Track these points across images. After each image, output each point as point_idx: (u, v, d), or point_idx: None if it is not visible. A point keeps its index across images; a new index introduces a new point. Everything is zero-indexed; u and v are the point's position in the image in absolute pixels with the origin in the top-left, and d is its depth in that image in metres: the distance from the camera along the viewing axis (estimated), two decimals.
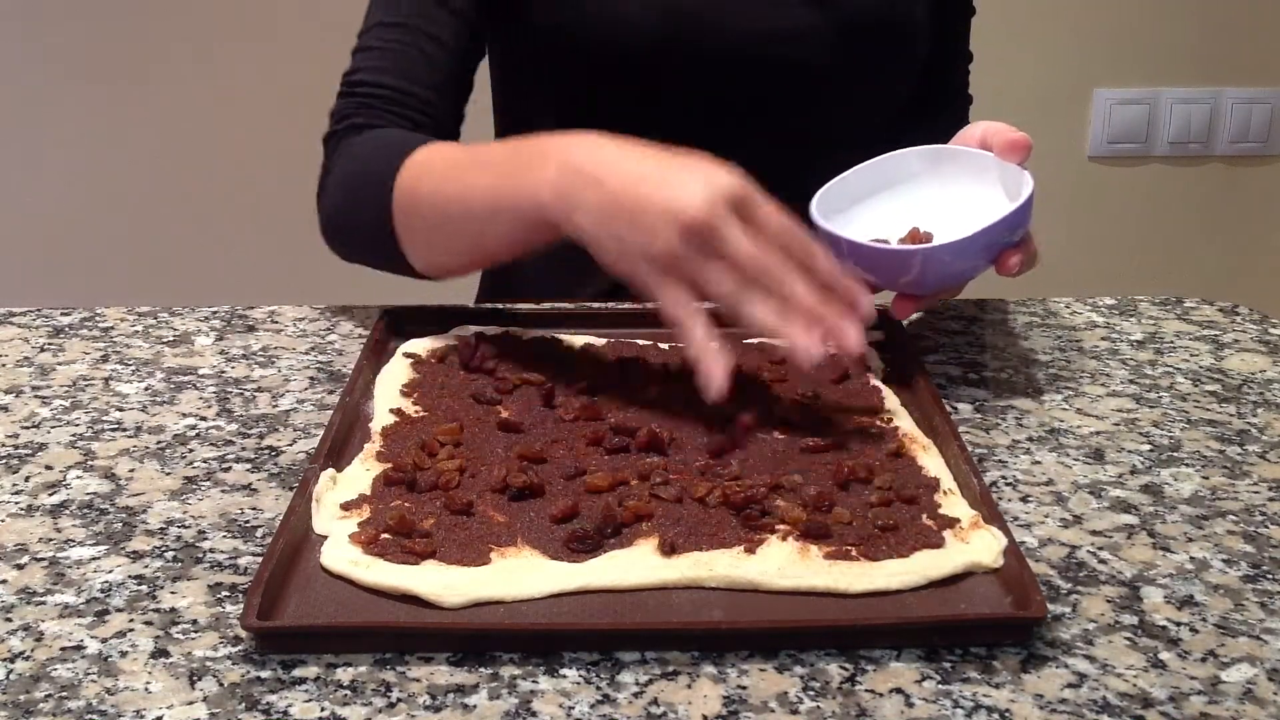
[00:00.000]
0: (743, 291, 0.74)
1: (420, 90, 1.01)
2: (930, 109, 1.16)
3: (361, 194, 0.96)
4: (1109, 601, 0.66)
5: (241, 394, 0.89)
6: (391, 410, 0.81)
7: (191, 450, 0.81)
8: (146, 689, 0.59)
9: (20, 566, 0.68)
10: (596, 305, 1.00)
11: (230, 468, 0.79)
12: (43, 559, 0.69)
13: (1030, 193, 0.85)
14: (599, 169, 0.79)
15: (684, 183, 0.75)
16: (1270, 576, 0.68)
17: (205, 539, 0.71)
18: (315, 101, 1.15)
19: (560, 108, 1.09)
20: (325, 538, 0.68)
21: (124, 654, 0.61)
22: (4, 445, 0.82)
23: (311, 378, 0.92)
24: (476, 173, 0.88)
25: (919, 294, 0.88)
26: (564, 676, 0.59)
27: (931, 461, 0.76)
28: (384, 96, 1.01)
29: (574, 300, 1.02)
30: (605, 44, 1.03)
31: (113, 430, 0.84)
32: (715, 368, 0.75)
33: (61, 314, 1.03)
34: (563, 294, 1.04)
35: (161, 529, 0.72)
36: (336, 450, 0.77)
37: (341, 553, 0.66)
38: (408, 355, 0.89)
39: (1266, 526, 0.73)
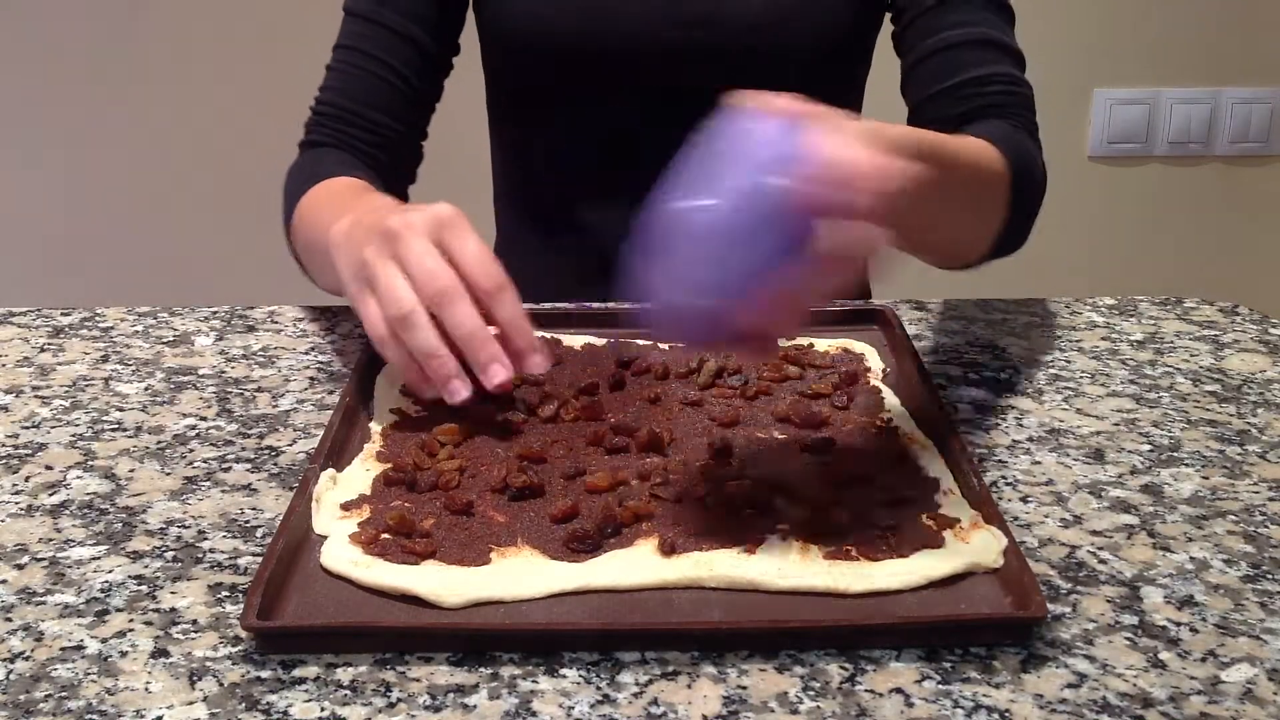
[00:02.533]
0: (412, 310, 0.74)
1: (370, 113, 1.08)
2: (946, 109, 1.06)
3: (285, 212, 1.05)
4: (1109, 601, 0.66)
5: (241, 394, 0.89)
6: (391, 410, 0.82)
7: (191, 450, 0.81)
8: (146, 689, 0.59)
9: (20, 566, 0.68)
10: (596, 305, 1.00)
11: (230, 468, 0.79)
12: (43, 559, 0.69)
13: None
14: (358, 209, 0.84)
15: (400, 210, 0.79)
16: (1270, 576, 0.68)
17: (205, 539, 0.71)
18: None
19: (517, 110, 1.16)
20: (325, 538, 0.68)
21: (124, 654, 0.61)
22: (4, 445, 0.82)
23: (311, 378, 0.92)
24: (327, 212, 0.92)
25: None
26: (564, 676, 0.59)
27: (931, 461, 0.76)
28: (338, 117, 1.08)
29: (574, 301, 1.02)
30: (528, 40, 1.09)
31: (113, 430, 0.84)
32: (412, 373, 0.77)
33: (61, 314, 1.03)
34: (564, 295, 1.05)
35: (161, 529, 0.72)
36: (336, 450, 0.77)
37: (341, 553, 0.66)
38: None
39: (1266, 526, 0.73)
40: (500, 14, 1.10)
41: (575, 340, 0.92)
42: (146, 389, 0.90)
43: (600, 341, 0.92)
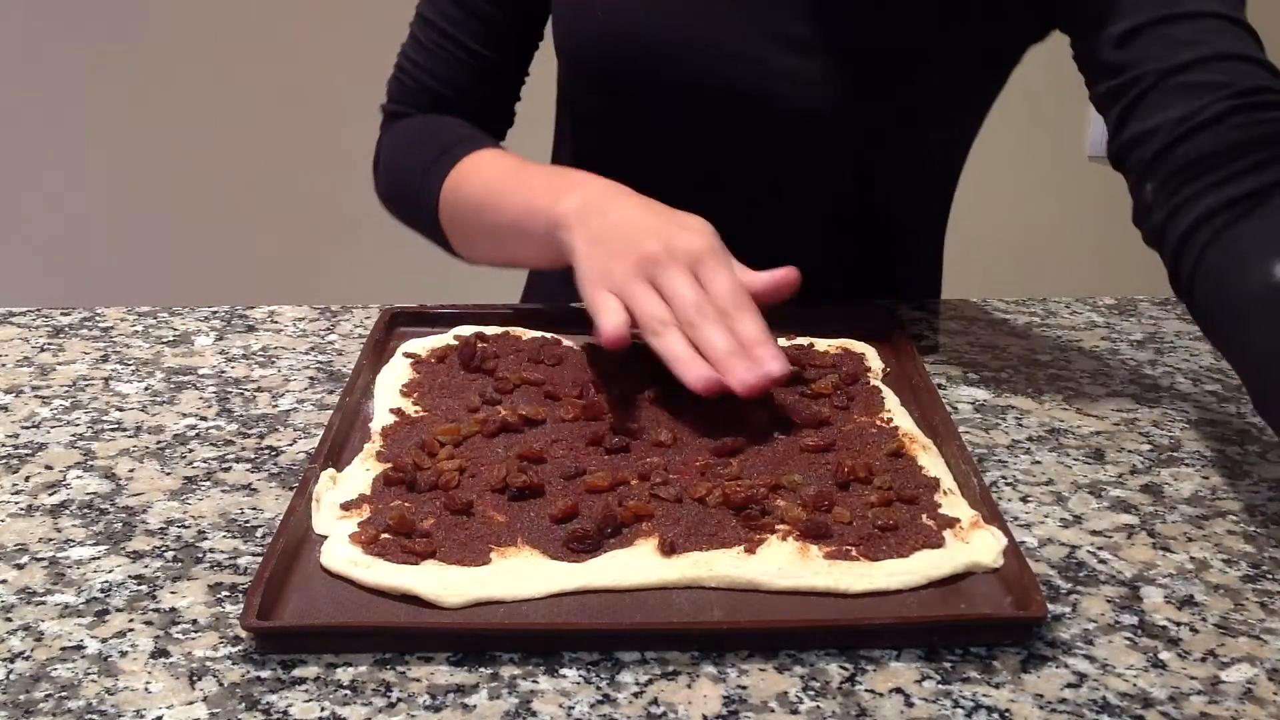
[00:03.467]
0: (665, 323, 0.80)
1: (451, 93, 1.07)
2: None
3: (412, 187, 1.04)
4: (1109, 601, 0.66)
5: (241, 394, 0.89)
6: (391, 410, 0.81)
7: (191, 450, 0.81)
8: (146, 689, 0.59)
9: (20, 566, 0.68)
10: None
11: (230, 468, 0.79)
12: (43, 559, 0.69)
13: None
14: (610, 204, 0.87)
15: (660, 231, 0.83)
16: (1270, 576, 0.68)
17: (205, 539, 0.71)
18: (315, 102, 1.16)
19: (578, 121, 1.12)
20: (325, 538, 0.68)
21: (124, 654, 0.61)
22: (4, 445, 0.82)
23: (311, 378, 0.92)
24: (515, 190, 0.95)
25: None
26: (564, 676, 0.59)
27: (931, 461, 0.76)
28: (423, 91, 1.07)
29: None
30: (576, 66, 1.05)
31: (113, 430, 0.84)
32: (610, 326, 0.80)
33: (61, 314, 1.03)
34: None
35: (161, 529, 0.72)
36: (336, 450, 0.77)
37: (341, 553, 0.66)
38: (408, 355, 0.89)
39: (1266, 526, 0.73)
40: (556, 20, 1.04)
41: (575, 340, 0.92)
42: (146, 389, 0.90)
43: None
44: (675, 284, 0.81)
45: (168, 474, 0.78)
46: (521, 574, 0.65)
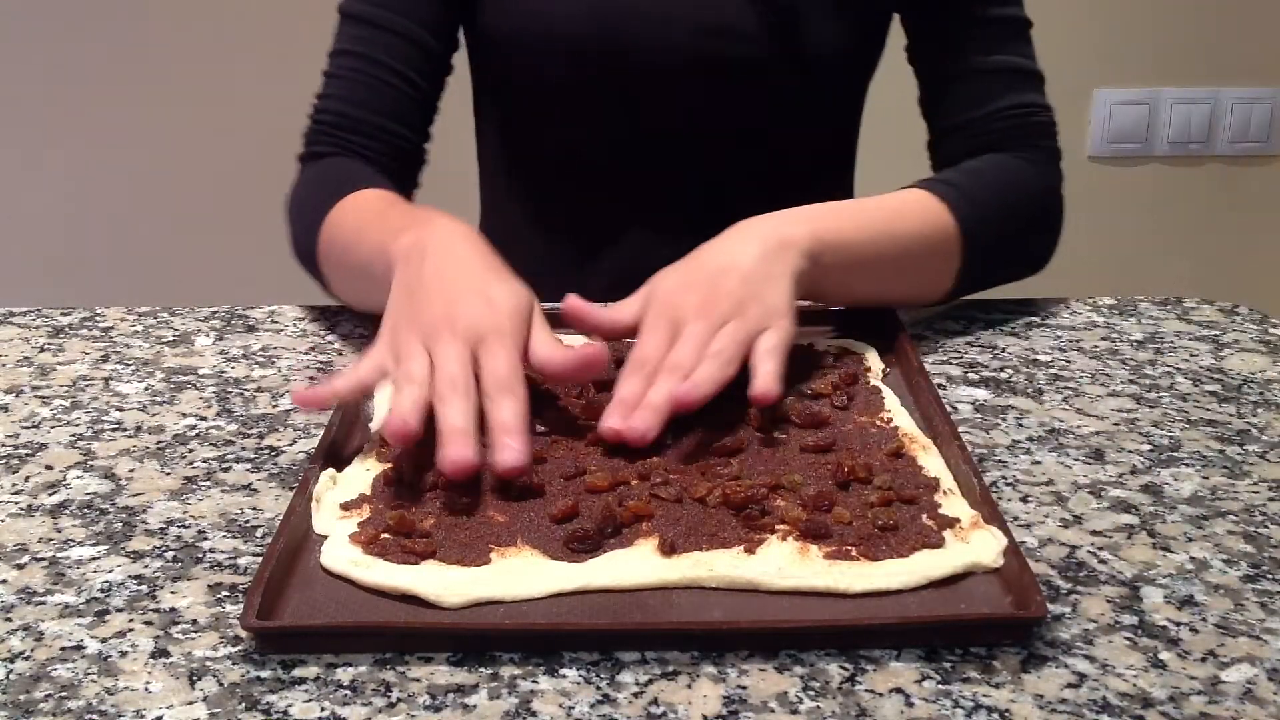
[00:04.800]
0: (410, 381, 0.75)
1: (379, 120, 1.06)
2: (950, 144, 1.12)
3: (303, 224, 1.02)
4: (1109, 601, 0.66)
5: (241, 394, 0.89)
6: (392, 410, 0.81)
7: (191, 450, 0.81)
8: (146, 689, 0.59)
9: (20, 566, 0.68)
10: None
11: (230, 468, 0.79)
12: (43, 559, 0.69)
13: None
14: (432, 251, 0.83)
15: (456, 299, 0.79)
16: (1270, 576, 0.68)
17: (205, 539, 0.71)
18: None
19: (518, 119, 1.15)
20: (325, 538, 0.68)
21: (124, 654, 0.61)
22: (4, 445, 0.82)
23: (311, 378, 0.92)
24: (372, 228, 0.92)
25: None
26: (564, 676, 0.59)
27: (931, 461, 0.76)
28: (345, 126, 1.06)
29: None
30: (541, 50, 1.07)
31: (113, 430, 0.84)
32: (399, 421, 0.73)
33: (61, 314, 1.03)
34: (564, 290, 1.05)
35: (161, 529, 0.72)
36: (336, 450, 0.77)
37: (341, 553, 0.66)
38: None
39: (1266, 526, 0.73)
40: (505, 12, 1.08)
41: (575, 340, 0.92)
42: (146, 389, 0.90)
43: (600, 341, 0.92)
44: (443, 357, 0.75)
45: (168, 474, 0.78)
46: (521, 574, 0.65)
